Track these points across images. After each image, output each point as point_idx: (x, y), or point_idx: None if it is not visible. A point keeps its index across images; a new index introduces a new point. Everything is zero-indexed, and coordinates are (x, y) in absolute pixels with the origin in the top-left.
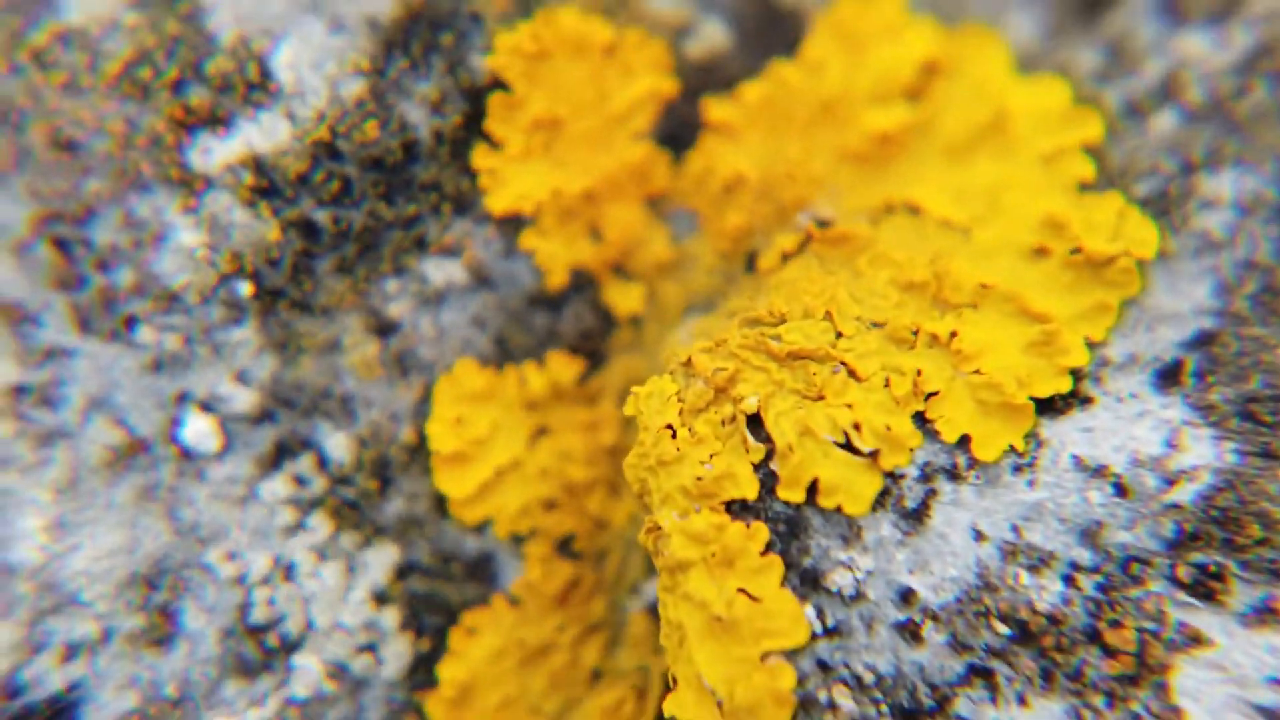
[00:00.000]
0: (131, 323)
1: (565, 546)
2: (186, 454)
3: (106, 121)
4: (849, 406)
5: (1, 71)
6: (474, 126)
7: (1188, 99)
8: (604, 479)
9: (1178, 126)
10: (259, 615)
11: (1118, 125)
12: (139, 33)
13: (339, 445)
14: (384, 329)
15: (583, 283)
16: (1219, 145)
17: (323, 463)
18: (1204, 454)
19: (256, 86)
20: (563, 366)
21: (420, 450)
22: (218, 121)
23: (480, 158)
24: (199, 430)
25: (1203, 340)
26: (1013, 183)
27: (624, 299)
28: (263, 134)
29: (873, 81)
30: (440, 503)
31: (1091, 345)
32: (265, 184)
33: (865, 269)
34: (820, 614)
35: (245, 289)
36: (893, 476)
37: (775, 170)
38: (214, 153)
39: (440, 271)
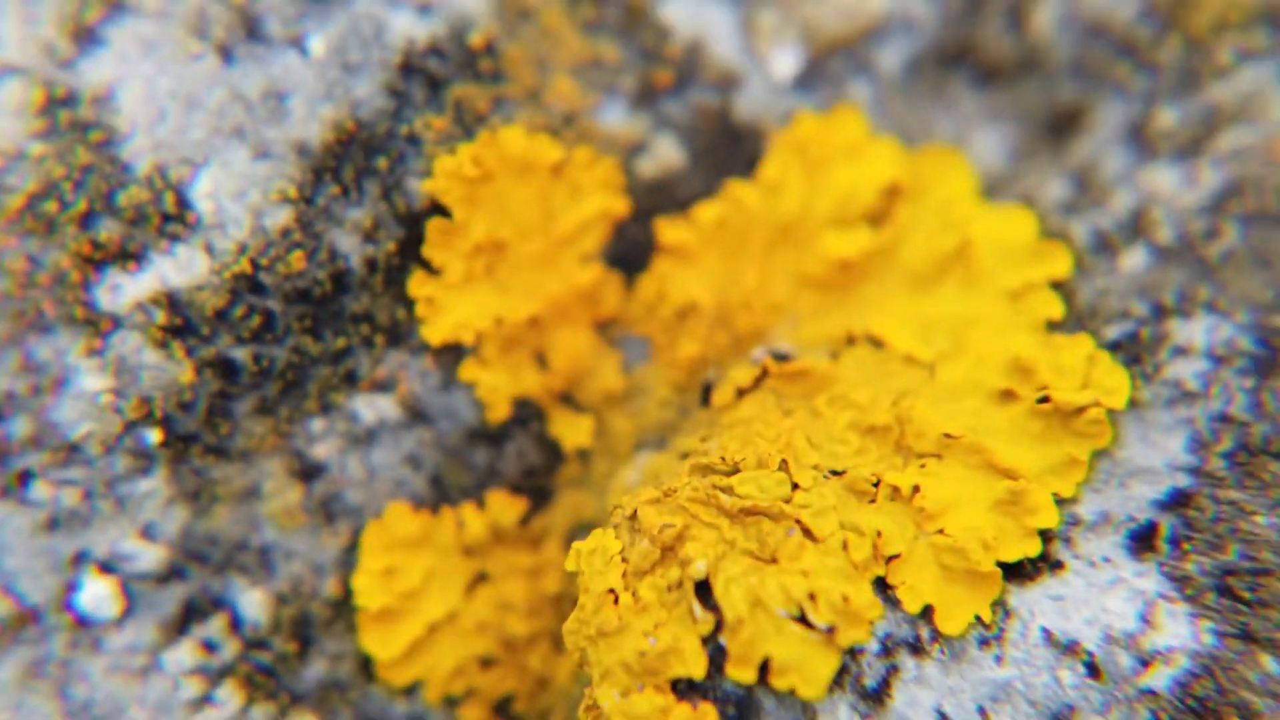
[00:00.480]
0: (25, 478)
1: (504, 709)
2: (82, 622)
3: (6, 259)
4: (804, 574)
5: None
6: (410, 252)
7: (1158, 237)
8: (547, 631)
9: (1148, 266)
10: None
11: (1086, 260)
12: (46, 163)
13: (254, 603)
14: (308, 473)
15: (527, 415)
16: (1191, 289)
17: (236, 624)
18: (1180, 633)
19: (173, 218)
20: (504, 507)
21: (345, 604)
22: (129, 256)
23: (417, 285)
24: (97, 594)
25: (1178, 501)
26: (978, 318)
27: (571, 432)
28: (178, 269)
29: (833, 204)
30: (366, 664)
31: (1061, 502)
32: (179, 322)
33: (824, 409)
34: None
35: (154, 436)
36: (851, 653)
37: (731, 297)
38: (123, 290)
39: (371, 408)
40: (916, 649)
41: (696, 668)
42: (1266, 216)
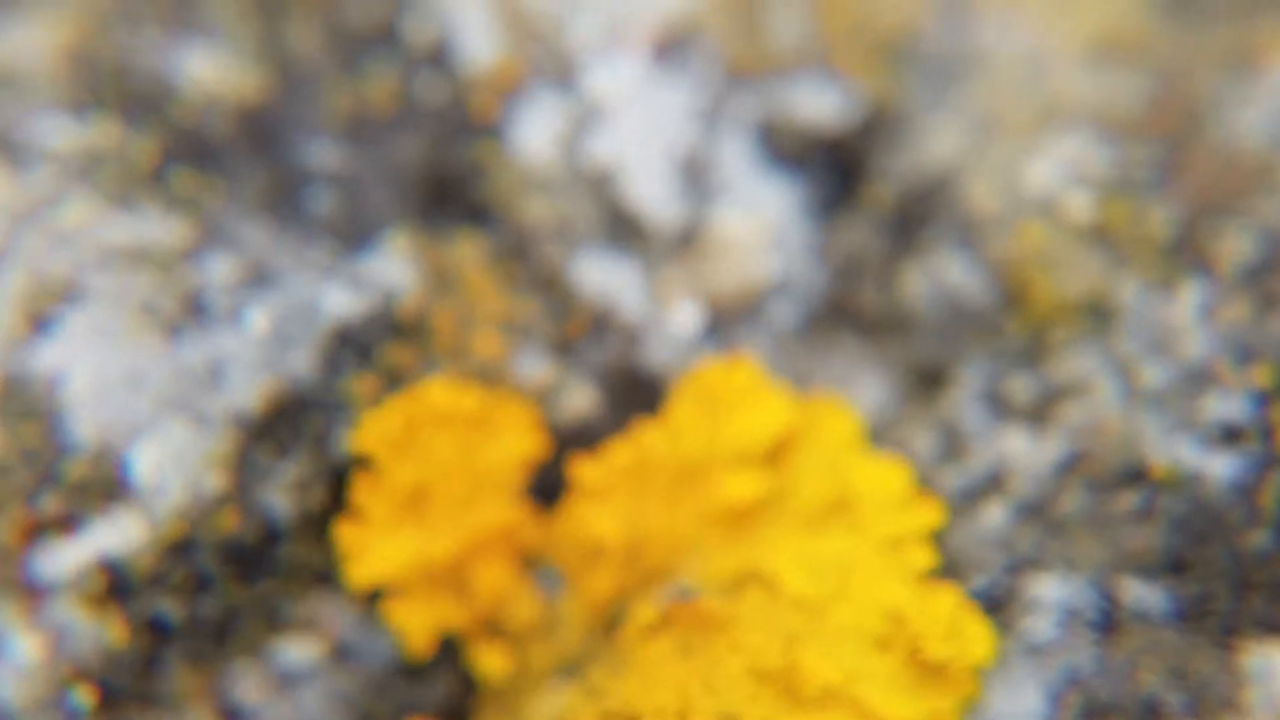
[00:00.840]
0: None
1: None
2: None
3: None
4: None
5: None
6: (338, 502)
7: (1013, 494)
8: None
9: (1006, 521)
10: None
11: (953, 511)
12: (2, 444)
13: None
14: (236, 717)
15: (451, 647)
16: (1044, 546)
17: None
18: None
19: (113, 488)
20: None
21: None
22: (69, 526)
23: (341, 530)
24: None
25: None
26: (860, 564)
27: (491, 662)
28: (116, 535)
29: (731, 448)
30: None
31: None
32: (115, 585)
33: (722, 653)
34: None
35: (87, 697)
36: None
37: (640, 534)
38: (62, 558)
39: (297, 651)
40: None
41: None
42: (1104, 483)
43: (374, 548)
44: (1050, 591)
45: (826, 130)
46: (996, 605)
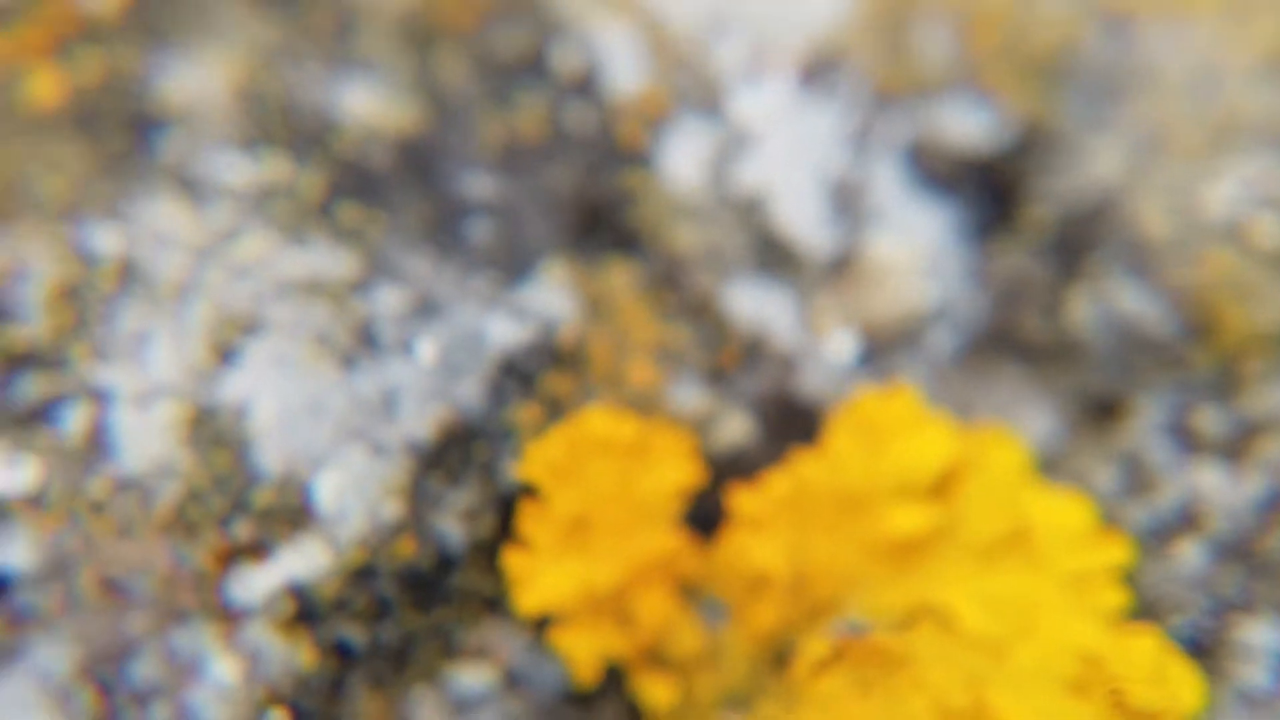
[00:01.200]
0: None
1: None
2: None
3: (154, 561)
4: None
5: (61, 525)
6: (506, 530)
7: (1209, 533)
8: None
9: (1203, 562)
10: None
11: (1142, 549)
12: (191, 473)
13: None
14: None
15: (616, 676)
16: (1249, 589)
17: None
18: None
19: (299, 515)
20: None
21: None
22: (259, 552)
23: (509, 559)
24: None
25: None
26: (1043, 602)
27: (656, 692)
28: (303, 561)
29: (893, 479)
30: None
31: None
32: (303, 610)
33: (904, 691)
34: None
35: (280, 719)
36: None
37: (803, 565)
38: (254, 583)
39: (471, 677)
40: None
41: None
42: None
43: (540, 575)
44: (1263, 637)
45: (979, 151)
46: (1201, 650)
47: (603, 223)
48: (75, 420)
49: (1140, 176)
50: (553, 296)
